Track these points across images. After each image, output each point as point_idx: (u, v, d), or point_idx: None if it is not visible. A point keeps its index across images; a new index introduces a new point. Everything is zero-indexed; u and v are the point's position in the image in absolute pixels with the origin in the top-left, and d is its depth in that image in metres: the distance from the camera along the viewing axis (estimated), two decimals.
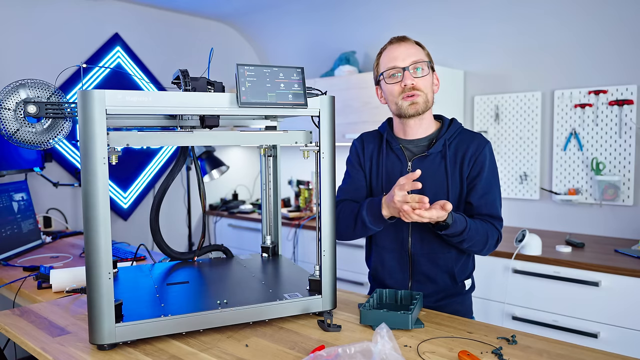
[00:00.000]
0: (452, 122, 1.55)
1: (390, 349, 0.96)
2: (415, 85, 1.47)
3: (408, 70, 1.47)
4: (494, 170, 1.52)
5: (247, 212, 3.83)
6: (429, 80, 1.50)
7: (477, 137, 1.53)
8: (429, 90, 1.50)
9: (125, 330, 1.15)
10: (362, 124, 3.18)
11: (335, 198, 1.36)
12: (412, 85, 1.46)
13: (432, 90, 1.52)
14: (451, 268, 1.52)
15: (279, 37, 4.04)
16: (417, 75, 1.48)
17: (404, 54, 1.48)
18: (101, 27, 3.36)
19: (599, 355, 1.13)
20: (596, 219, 2.76)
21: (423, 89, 1.48)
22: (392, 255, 1.57)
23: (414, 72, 1.48)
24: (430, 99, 1.51)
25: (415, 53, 1.49)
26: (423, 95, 1.48)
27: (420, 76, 1.48)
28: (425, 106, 1.49)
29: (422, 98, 1.48)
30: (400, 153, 1.55)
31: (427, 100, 1.49)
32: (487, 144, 1.51)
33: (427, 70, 1.50)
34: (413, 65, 1.47)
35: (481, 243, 1.46)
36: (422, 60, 1.49)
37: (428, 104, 1.50)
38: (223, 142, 1.29)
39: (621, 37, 2.63)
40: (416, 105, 1.48)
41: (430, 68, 1.52)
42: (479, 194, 1.48)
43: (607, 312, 2.18)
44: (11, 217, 2.38)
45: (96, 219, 1.10)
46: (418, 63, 1.48)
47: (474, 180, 1.49)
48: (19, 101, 1.30)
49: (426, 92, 1.49)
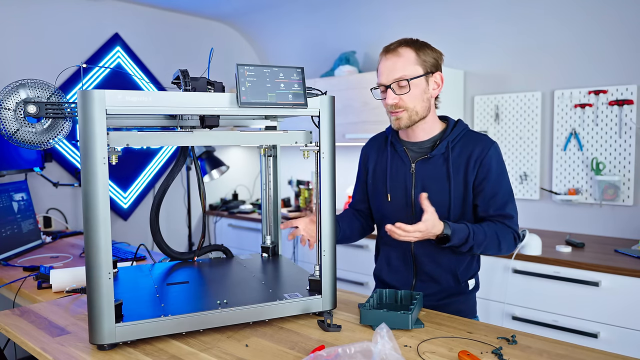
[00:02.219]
0: (458, 123, 1.54)
1: (390, 349, 0.96)
2: (397, 103, 1.45)
3: (390, 88, 1.45)
4: (502, 171, 1.49)
5: (247, 212, 3.82)
6: (415, 93, 1.45)
7: (483, 139, 1.50)
8: (416, 103, 1.46)
9: (125, 330, 1.15)
10: (362, 124, 3.18)
11: (334, 198, 1.36)
12: (394, 103, 1.45)
13: (423, 100, 1.47)
14: (454, 268, 1.52)
15: (279, 37, 4.04)
16: (400, 93, 1.45)
17: (388, 70, 1.45)
18: (101, 27, 3.36)
19: (599, 355, 1.13)
20: (596, 219, 2.76)
21: (407, 104, 1.45)
22: (397, 254, 1.58)
23: (398, 88, 1.45)
24: (420, 110, 1.47)
25: (401, 67, 1.43)
26: (408, 110, 1.46)
27: (402, 93, 1.44)
28: (410, 120, 1.47)
29: (406, 113, 1.46)
30: (404, 155, 1.55)
31: (414, 114, 1.46)
32: (492, 145, 1.48)
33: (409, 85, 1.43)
34: (395, 83, 1.44)
35: (493, 245, 1.44)
36: (405, 75, 1.43)
37: (416, 116, 1.47)
38: (223, 142, 1.29)
39: (621, 37, 2.63)
40: (399, 121, 1.48)
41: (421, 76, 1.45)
42: (487, 196, 1.47)
43: (607, 312, 2.18)
44: (11, 217, 2.38)
45: (96, 219, 1.10)
46: (399, 80, 1.43)
47: (481, 183, 1.47)
48: (19, 101, 1.30)
49: (412, 106, 1.46)
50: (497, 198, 1.47)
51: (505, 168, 1.52)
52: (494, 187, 1.47)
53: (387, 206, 1.58)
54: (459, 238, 1.38)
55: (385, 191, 1.57)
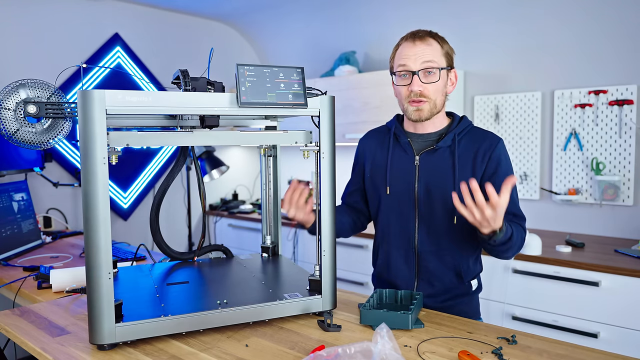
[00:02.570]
0: (463, 118, 1.52)
1: (390, 349, 0.96)
2: (422, 92, 1.42)
3: (417, 75, 1.42)
4: (509, 168, 1.47)
5: (247, 212, 3.83)
6: (440, 85, 1.44)
7: (490, 134, 1.48)
8: (438, 95, 1.44)
9: (125, 330, 1.15)
10: (362, 124, 3.18)
11: (334, 198, 1.36)
12: (419, 91, 1.42)
13: (443, 94, 1.46)
14: (458, 266, 1.49)
15: (279, 37, 4.04)
16: (426, 81, 1.42)
17: (417, 55, 1.42)
18: (101, 27, 3.36)
19: (599, 355, 1.13)
20: (596, 219, 2.76)
21: (431, 95, 1.43)
22: (399, 252, 1.54)
23: (424, 76, 1.42)
24: (439, 104, 1.46)
25: (430, 54, 1.41)
26: (430, 102, 1.43)
27: (429, 82, 1.42)
28: (430, 113, 1.45)
29: (428, 105, 1.44)
30: (408, 147, 1.52)
31: (434, 106, 1.45)
32: (500, 141, 1.46)
33: (439, 74, 1.43)
34: (424, 70, 1.42)
35: (517, 247, 1.40)
36: (435, 64, 1.41)
37: (435, 109, 1.45)
38: (223, 142, 1.29)
39: (621, 37, 2.63)
40: (420, 112, 1.44)
41: (447, 68, 1.45)
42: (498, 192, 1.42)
43: (607, 312, 2.18)
44: (11, 217, 2.38)
45: (96, 219, 1.10)
46: (430, 68, 1.41)
47: (491, 178, 1.43)
48: (19, 101, 1.30)
49: (434, 98, 1.44)
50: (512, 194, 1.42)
51: (512, 166, 1.49)
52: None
53: (386, 200, 1.54)
54: (505, 235, 1.31)
55: (385, 184, 1.54)
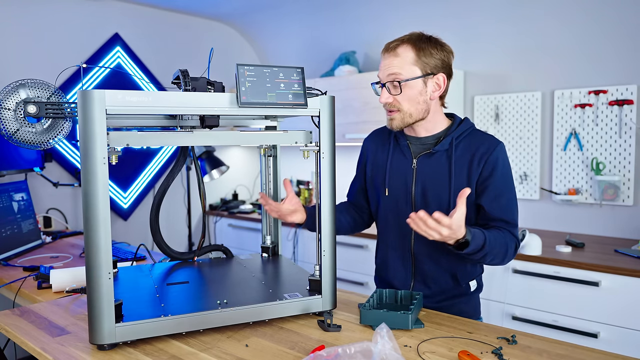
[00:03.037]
0: (463, 121, 1.50)
1: (390, 349, 0.96)
2: (391, 102, 1.43)
3: (385, 87, 1.43)
4: (507, 173, 1.45)
5: (247, 212, 3.83)
6: (409, 95, 1.41)
7: (489, 138, 1.47)
8: (410, 105, 1.42)
9: (125, 330, 1.15)
10: (362, 124, 3.18)
11: (334, 198, 1.36)
12: (387, 103, 1.44)
13: (417, 103, 1.43)
14: (453, 269, 1.49)
15: (279, 37, 4.04)
16: (394, 93, 1.42)
17: (385, 67, 1.43)
18: (101, 27, 3.36)
19: (599, 355, 1.13)
20: (596, 219, 2.76)
21: (401, 105, 1.43)
22: (396, 253, 1.55)
23: (392, 88, 1.42)
24: (414, 113, 1.44)
25: (397, 66, 1.40)
26: (401, 112, 1.43)
27: (395, 94, 1.42)
28: (402, 122, 1.44)
29: (398, 115, 1.44)
30: (407, 150, 1.52)
31: (406, 116, 1.44)
32: (498, 145, 1.44)
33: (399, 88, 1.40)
34: (389, 82, 1.42)
35: (501, 254, 1.39)
36: (400, 76, 1.40)
37: (409, 119, 1.44)
38: (223, 142, 1.29)
39: (621, 38, 2.63)
40: (392, 122, 1.46)
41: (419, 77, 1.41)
42: (491, 196, 1.42)
43: (607, 312, 2.18)
44: (11, 217, 2.38)
45: (96, 219, 1.10)
46: (394, 80, 1.40)
47: (485, 181, 1.42)
48: (19, 101, 1.30)
49: (405, 108, 1.43)
50: (501, 200, 1.42)
51: (511, 172, 1.47)
52: (499, 187, 1.42)
53: (385, 201, 1.55)
54: (476, 244, 1.31)
55: (384, 185, 1.55)
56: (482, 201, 1.43)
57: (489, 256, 1.36)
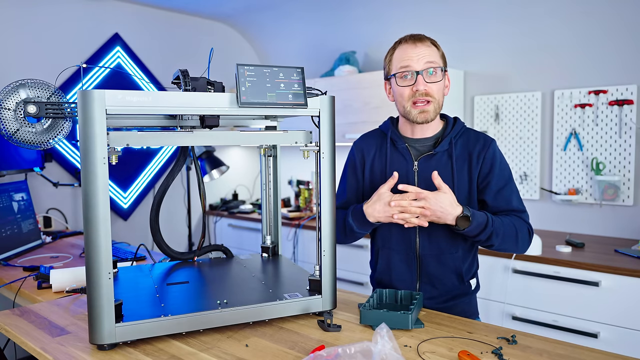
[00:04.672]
0: (456, 120, 1.53)
1: (390, 349, 0.96)
2: (428, 91, 1.42)
3: (421, 75, 1.42)
4: (505, 166, 1.49)
5: (247, 212, 3.83)
6: (442, 85, 1.45)
7: (482, 135, 1.51)
8: (440, 96, 1.46)
9: (125, 330, 1.15)
10: (362, 124, 3.18)
11: (334, 198, 1.35)
12: (424, 91, 1.42)
13: (443, 95, 1.48)
14: (459, 267, 1.50)
15: (279, 37, 4.04)
16: (430, 80, 1.42)
17: (419, 56, 1.42)
18: (101, 27, 3.36)
19: (599, 355, 1.13)
20: (596, 219, 2.76)
21: (435, 94, 1.43)
22: (400, 256, 1.54)
23: (427, 76, 1.42)
24: (441, 105, 1.47)
25: (431, 55, 1.43)
26: (435, 102, 1.44)
27: (433, 81, 1.43)
28: (435, 114, 1.46)
29: (433, 106, 1.44)
30: (406, 152, 1.52)
31: (438, 107, 1.46)
32: (492, 141, 1.49)
33: (441, 74, 1.44)
34: (427, 70, 1.42)
35: (512, 237, 1.41)
36: (437, 63, 1.43)
37: (439, 109, 1.47)
38: (223, 142, 1.29)
39: (621, 37, 2.63)
40: (426, 114, 1.44)
41: (446, 70, 1.47)
42: (494, 190, 1.46)
43: (607, 312, 2.18)
44: (11, 217, 2.38)
45: (96, 219, 1.10)
46: (433, 67, 1.42)
47: (486, 177, 1.46)
48: (19, 101, 1.30)
49: (438, 98, 1.45)
50: (504, 192, 1.45)
51: (507, 164, 1.51)
52: (500, 181, 1.46)
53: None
54: (477, 222, 1.35)
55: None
56: (486, 196, 1.47)
57: (497, 237, 1.39)
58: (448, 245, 1.49)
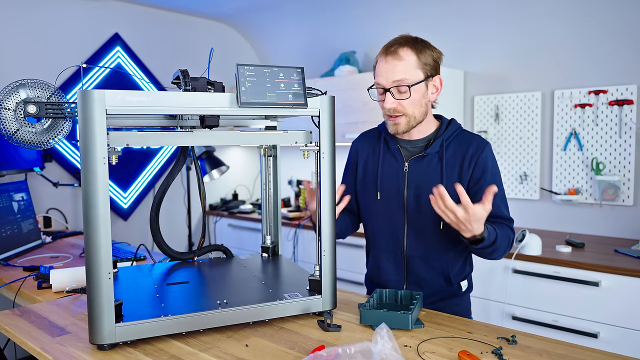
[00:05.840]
0: (451, 122, 1.52)
1: (390, 349, 0.96)
2: (396, 108, 1.42)
3: (389, 92, 1.41)
4: (496, 172, 1.48)
5: (247, 212, 3.83)
6: (416, 98, 1.42)
7: (477, 138, 1.49)
8: (415, 108, 1.43)
9: (125, 330, 1.15)
10: (362, 124, 3.17)
11: (334, 198, 1.36)
12: (392, 108, 1.42)
13: (420, 105, 1.44)
14: (446, 270, 1.50)
15: (279, 37, 4.04)
16: (399, 97, 1.41)
17: (388, 72, 1.40)
18: (101, 27, 3.36)
19: (599, 355, 1.13)
20: (596, 219, 2.76)
21: (406, 110, 1.42)
22: (388, 256, 1.56)
23: (397, 93, 1.41)
24: (418, 115, 1.44)
25: (402, 70, 1.39)
26: (406, 116, 1.43)
27: (402, 98, 1.41)
28: (407, 126, 1.45)
29: (404, 119, 1.44)
30: (397, 153, 1.53)
31: (412, 119, 1.44)
32: (487, 145, 1.47)
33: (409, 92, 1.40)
34: (395, 88, 1.41)
35: (503, 249, 1.42)
36: (406, 82, 1.39)
37: (413, 121, 1.45)
38: (223, 142, 1.29)
39: (621, 37, 2.63)
40: (397, 127, 1.45)
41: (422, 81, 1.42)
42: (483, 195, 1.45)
43: (607, 312, 2.18)
44: (11, 217, 2.38)
45: (96, 219, 1.10)
46: (400, 86, 1.40)
47: (477, 182, 1.45)
48: (19, 101, 1.30)
49: (411, 112, 1.43)
50: (495, 199, 1.41)
51: (499, 170, 1.50)
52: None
53: (377, 204, 1.55)
54: (489, 240, 1.34)
55: (375, 189, 1.55)
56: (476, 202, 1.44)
57: (496, 252, 1.40)
58: (435, 247, 1.49)
